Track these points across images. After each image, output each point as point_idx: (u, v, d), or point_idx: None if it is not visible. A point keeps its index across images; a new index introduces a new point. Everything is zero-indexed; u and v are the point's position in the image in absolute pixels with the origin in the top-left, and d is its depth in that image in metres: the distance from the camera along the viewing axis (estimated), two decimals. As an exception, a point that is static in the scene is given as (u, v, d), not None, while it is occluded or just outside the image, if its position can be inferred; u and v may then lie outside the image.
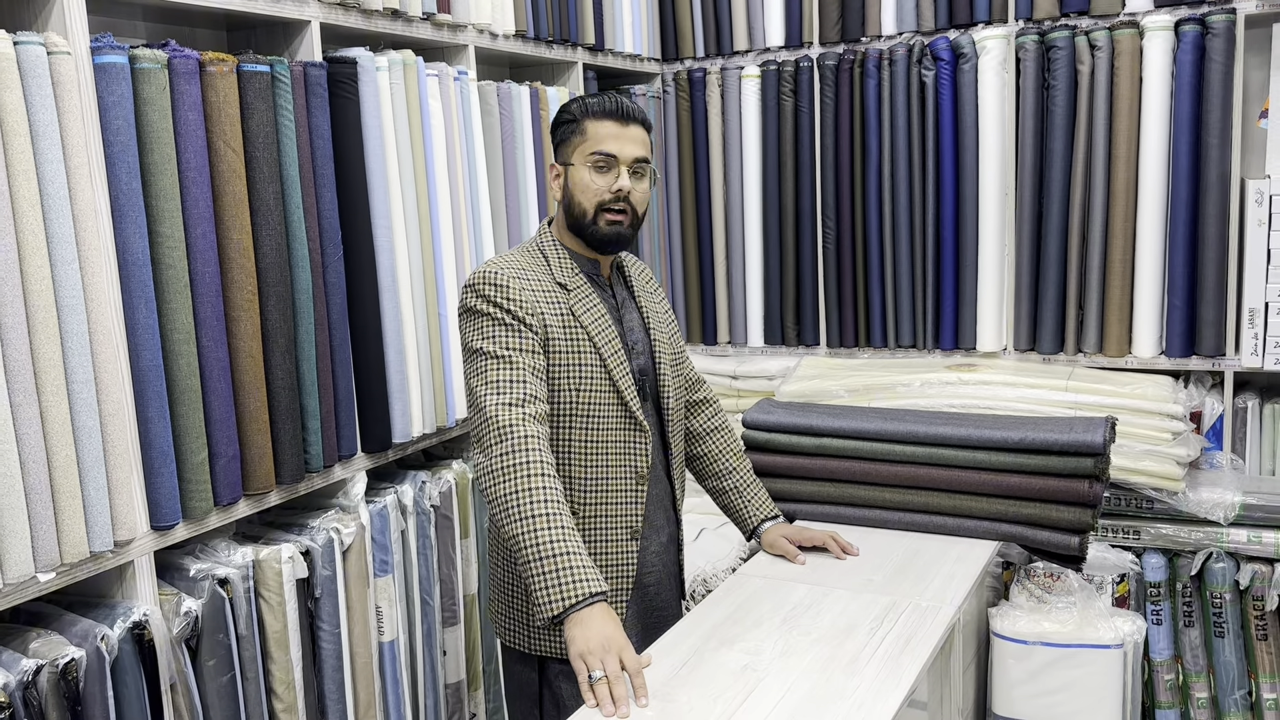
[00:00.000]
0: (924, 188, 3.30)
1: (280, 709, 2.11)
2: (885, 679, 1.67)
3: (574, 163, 1.95)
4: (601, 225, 1.94)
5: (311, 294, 2.16)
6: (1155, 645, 2.90)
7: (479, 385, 1.82)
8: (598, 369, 1.92)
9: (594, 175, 1.93)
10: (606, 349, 1.93)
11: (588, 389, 1.91)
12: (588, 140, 1.94)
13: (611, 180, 1.93)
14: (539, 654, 1.96)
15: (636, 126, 1.96)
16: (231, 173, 1.99)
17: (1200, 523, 2.85)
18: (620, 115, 1.94)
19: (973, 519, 2.31)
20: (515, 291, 1.87)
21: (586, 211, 1.94)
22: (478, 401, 1.81)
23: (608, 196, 1.93)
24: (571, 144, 1.96)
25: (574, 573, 1.65)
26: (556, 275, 1.95)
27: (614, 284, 2.06)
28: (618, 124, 1.94)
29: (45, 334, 1.69)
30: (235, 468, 2.04)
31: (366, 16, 2.37)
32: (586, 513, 1.94)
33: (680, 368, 2.17)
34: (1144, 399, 2.86)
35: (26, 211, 1.66)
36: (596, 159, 1.93)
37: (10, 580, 1.66)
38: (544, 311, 1.89)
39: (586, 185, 1.94)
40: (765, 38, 3.53)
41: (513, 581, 1.99)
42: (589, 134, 1.94)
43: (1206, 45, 2.89)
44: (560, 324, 1.90)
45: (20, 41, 1.65)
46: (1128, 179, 3.02)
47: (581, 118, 1.95)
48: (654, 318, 2.09)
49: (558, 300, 1.92)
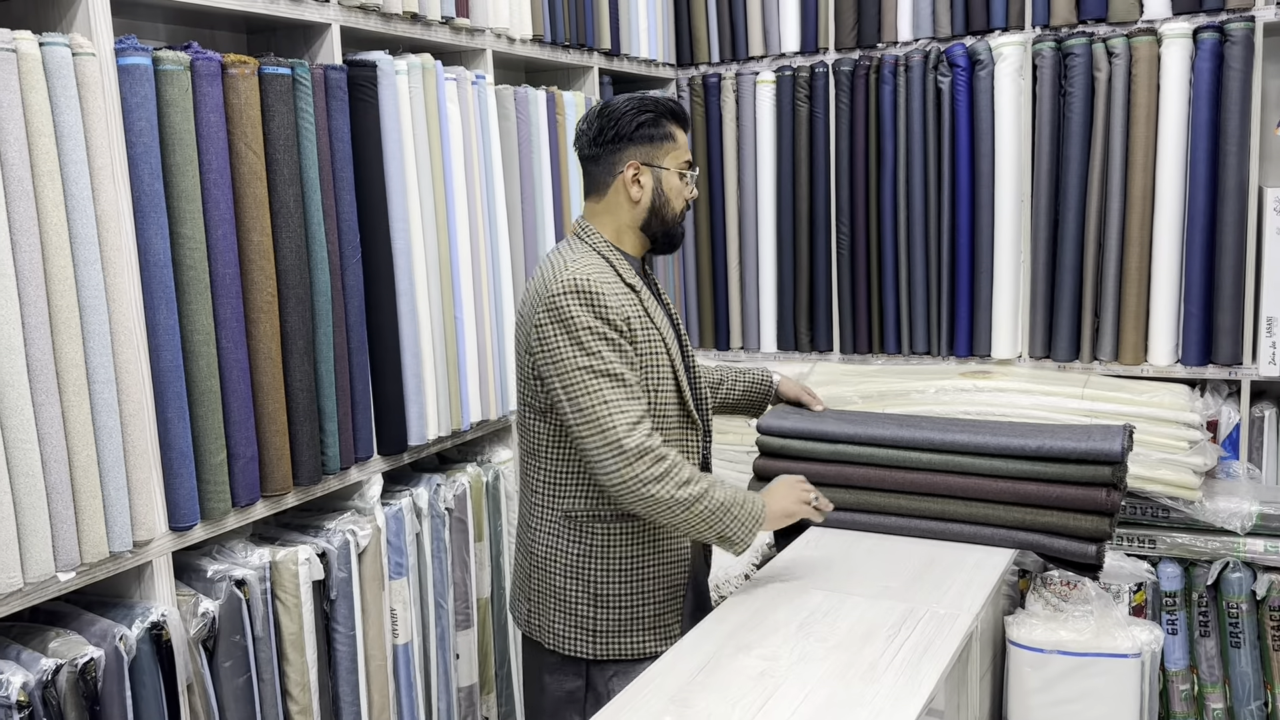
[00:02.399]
0: (939, 194, 3.30)
1: (295, 710, 2.12)
2: (903, 686, 1.66)
3: (668, 167, 1.98)
4: (681, 224, 2.03)
5: (330, 296, 2.17)
6: (1171, 655, 2.89)
7: (599, 406, 1.82)
8: (667, 368, 1.96)
9: (683, 183, 2.00)
10: (673, 349, 1.99)
11: (658, 388, 1.96)
12: (679, 149, 1.99)
13: (691, 187, 2.02)
14: (598, 658, 1.99)
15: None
16: (252, 175, 2.00)
17: (1217, 532, 2.83)
18: (689, 122, 2.05)
19: (990, 526, 2.30)
20: (610, 299, 1.87)
21: (678, 216, 2.01)
22: (601, 423, 1.82)
23: (684, 204, 2.02)
24: (664, 149, 1.98)
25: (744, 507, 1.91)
26: (625, 277, 1.95)
27: (656, 286, 2.10)
28: (687, 130, 2.03)
29: (68, 334, 1.69)
30: (253, 469, 2.04)
31: (386, 20, 2.38)
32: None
33: None
34: (1160, 407, 2.85)
35: (50, 212, 1.66)
36: (685, 167, 2.00)
37: (31, 579, 1.67)
38: (630, 316, 1.90)
39: (679, 191, 1.99)
40: (780, 43, 3.53)
41: (577, 590, 1.99)
42: (679, 141, 1.99)
43: (1225, 53, 2.89)
44: (641, 326, 1.93)
45: (46, 43, 1.66)
46: (1144, 186, 3.01)
47: (670, 123, 1.98)
48: (675, 308, 2.14)
49: (634, 303, 1.94)
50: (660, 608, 2.02)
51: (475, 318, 2.62)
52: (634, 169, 1.97)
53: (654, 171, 1.97)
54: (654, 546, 2.01)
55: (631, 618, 2.00)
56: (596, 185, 2.01)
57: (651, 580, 2.01)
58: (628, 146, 1.97)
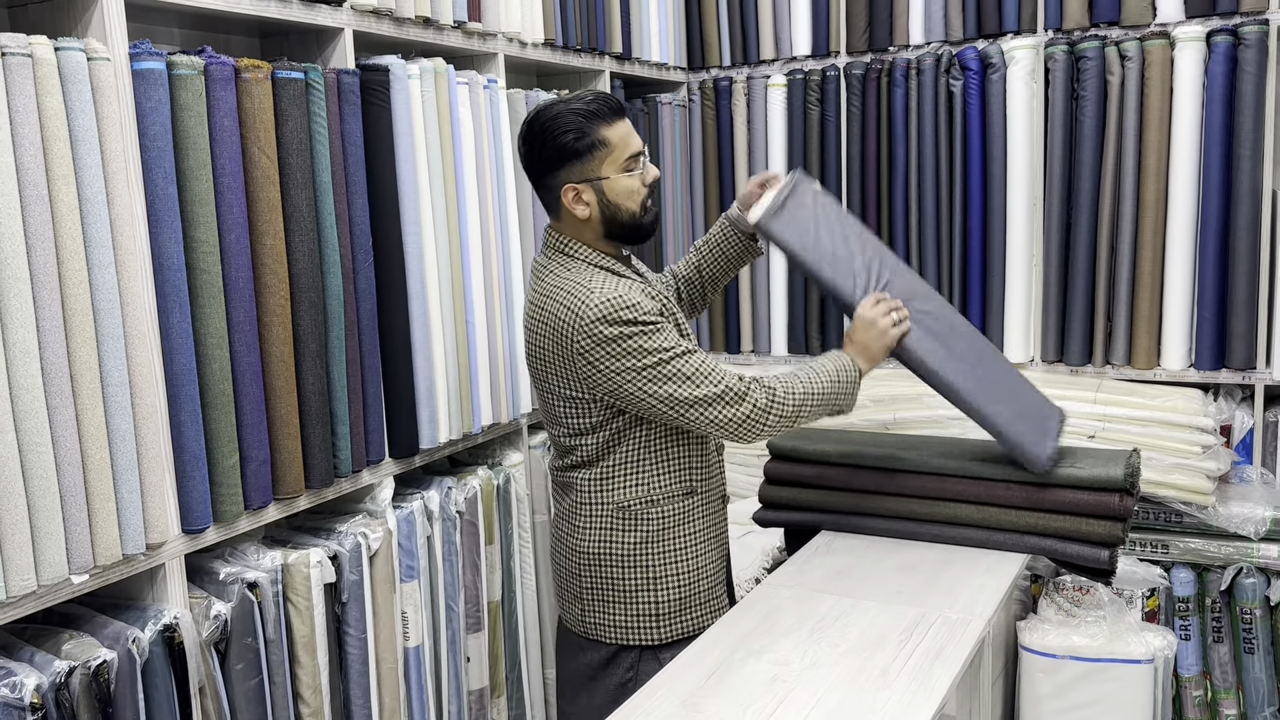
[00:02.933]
0: (951, 198, 3.29)
1: (307, 713, 2.12)
2: (916, 692, 1.66)
3: (608, 175, 1.93)
4: (646, 214, 1.99)
5: (342, 300, 2.17)
6: (1184, 661, 2.88)
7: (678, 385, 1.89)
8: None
9: (632, 178, 1.94)
10: (682, 328, 2.04)
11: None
12: (615, 148, 1.92)
13: (642, 175, 1.96)
14: (648, 643, 2.05)
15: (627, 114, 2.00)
16: (265, 179, 2.00)
17: (1230, 537, 2.82)
18: (622, 111, 1.95)
19: (1002, 531, 2.29)
20: (644, 302, 1.89)
21: (635, 213, 1.97)
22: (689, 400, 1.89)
23: (645, 192, 1.97)
24: (596, 158, 1.92)
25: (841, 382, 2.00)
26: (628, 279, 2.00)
27: (641, 272, 2.12)
28: (623, 120, 1.94)
29: (82, 337, 1.70)
30: (265, 472, 2.05)
31: (398, 24, 2.39)
32: (702, 486, 2.09)
33: None
34: (1173, 412, 2.84)
35: (65, 216, 1.67)
36: (632, 162, 1.94)
37: (44, 581, 1.67)
38: (661, 309, 1.95)
39: (631, 190, 1.95)
40: (792, 47, 3.53)
41: (637, 578, 2.05)
42: (613, 141, 1.91)
43: (1238, 56, 2.88)
44: (667, 312, 2.00)
45: (61, 48, 1.67)
46: (1158, 190, 3.00)
47: (596, 129, 1.90)
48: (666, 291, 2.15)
49: (655, 295, 1.99)
50: (713, 581, 2.11)
51: (487, 321, 2.62)
52: (572, 191, 1.94)
53: (593, 185, 1.93)
54: (705, 523, 2.09)
55: (689, 595, 2.07)
56: (549, 208, 2.02)
57: (705, 557, 2.09)
58: (559, 170, 1.93)
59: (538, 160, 1.95)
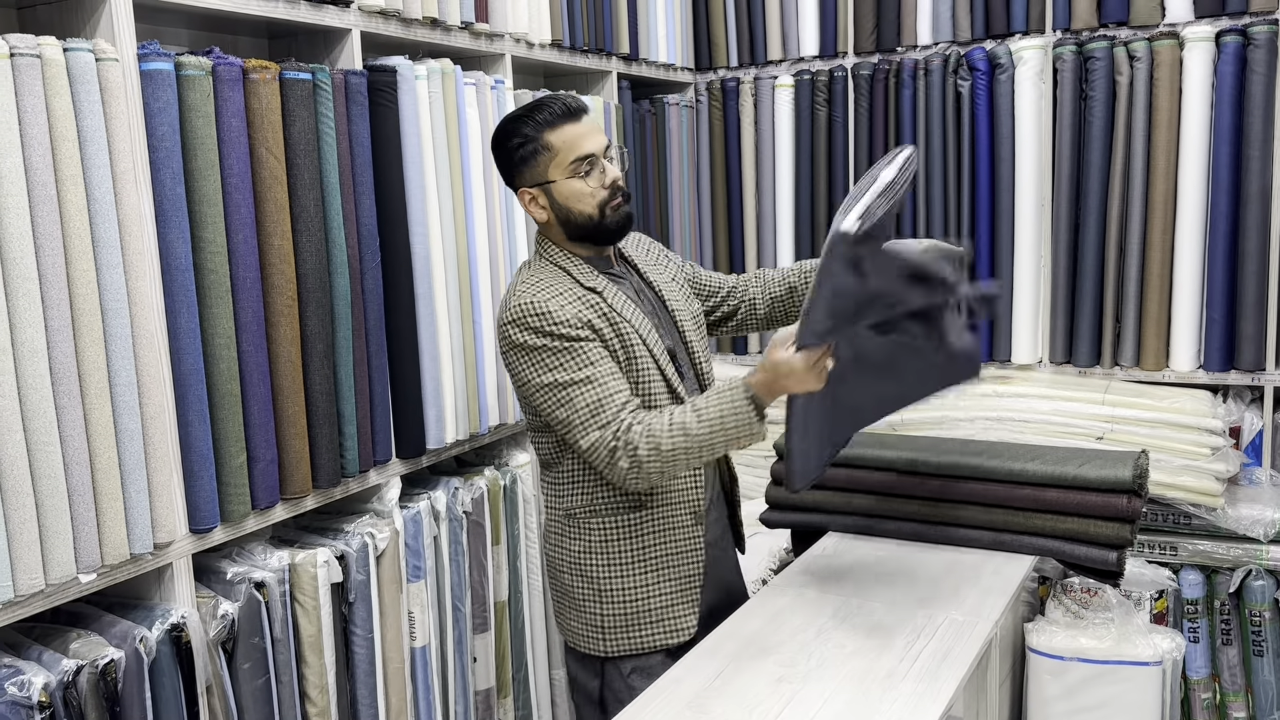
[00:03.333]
0: (959, 199, 3.28)
1: (313, 712, 2.12)
2: (923, 694, 1.66)
3: (554, 179, 1.93)
4: (609, 215, 1.95)
5: (350, 300, 2.18)
6: (1192, 663, 2.87)
7: (571, 416, 1.86)
8: (647, 360, 1.95)
9: (584, 181, 1.93)
10: (650, 338, 1.97)
11: (642, 380, 1.95)
12: (561, 150, 1.92)
13: (601, 177, 1.94)
14: (602, 655, 2.02)
15: (588, 114, 1.96)
16: (273, 179, 2.01)
17: (1239, 539, 2.81)
18: (574, 113, 1.93)
19: (1009, 533, 2.28)
20: (560, 312, 1.88)
21: (592, 216, 1.94)
22: (577, 431, 1.87)
23: (605, 194, 1.94)
24: (542, 161, 1.93)
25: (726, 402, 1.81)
26: (583, 282, 1.96)
27: (627, 274, 2.07)
28: (574, 123, 1.92)
29: (90, 337, 1.71)
30: (273, 472, 2.05)
31: (406, 25, 2.39)
32: (654, 501, 2.00)
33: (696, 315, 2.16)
34: (1182, 413, 2.83)
35: (74, 216, 1.68)
36: (579, 165, 1.92)
37: (52, 581, 1.68)
38: (590, 320, 1.91)
39: (581, 193, 1.93)
40: (799, 47, 3.52)
41: (582, 588, 2.03)
42: (556, 146, 1.92)
43: (1248, 56, 2.87)
44: (608, 325, 1.92)
45: (70, 48, 1.67)
46: (1166, 191, 2.99)
47: (540, 134, 1.92)
48: (666, 289, 2.09)
49: (596, 304, 1.94)
50: (669, 600, 2.02)
51: (493, 321, 2.63)
52: (527, 196, 1.97)
53: (544, 189, 1.95)
54: (657, 539, 2.01)
55: (638, 612, 2.01)
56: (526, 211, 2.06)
57: (656, 574, 2.01)
58: (514, 176, 1.99)
59: (500, 168, 2.02)
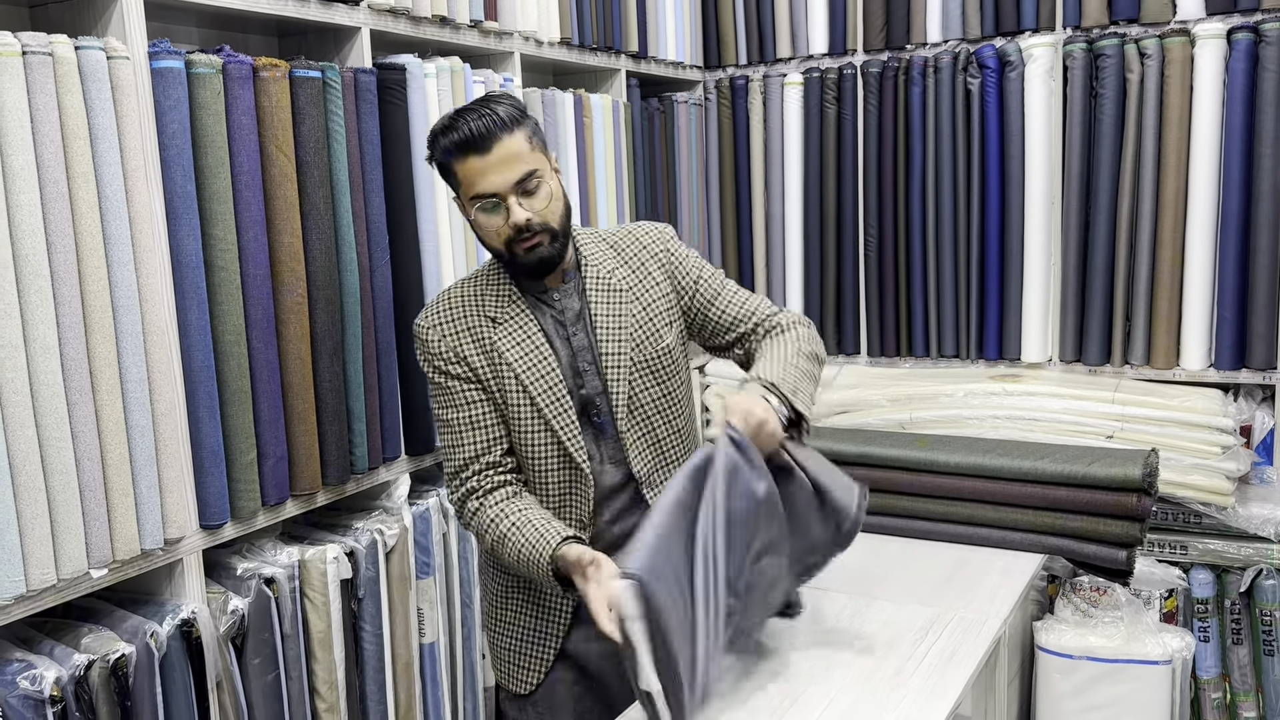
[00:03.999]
0: (969, 196, 3.28)
1: (323, 708, 2.13)
2: (930, 692, 1.66)
3: (465, 205, 1.76)
4: (520, 255, 1.73)
5: (359, 298, 2.18)
6: (1202, 663, 2.86)
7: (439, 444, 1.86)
8: (527, 409, 1.77)
9: (488, 217, 1.72)
10: (536, 385, 1.76)
11: (520, 429, 1.79)
12: (462, 183, 1.73)
13: (503, 218, 1.70)
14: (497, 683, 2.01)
15: (500, 142, 1.67)
16: (283, 177, 2.01)
17: (1250, 538, 2.80)
18: (477, 145, 1.67)
19: (1018, 531, 2.28)
20: (435, 344, 1.80)
21: (501, 252, 1.75)
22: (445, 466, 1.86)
23: (510, 233, 1.71)
24: (453, 186, 1.77)
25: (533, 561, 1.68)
26: (489, 309, 1.79)
27: (568, 298, 1.82)
28: (479, 156, 1.67)
29: (101, 334, 1.72)
30: (283, 468, 2.06)
31: (415, 23, 2.39)
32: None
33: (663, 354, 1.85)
34: (1193, 412, 2.82)
35: (85, 213, 1.69)
36: (480, 203, 1.71)
37: (64, 576, 1.69)
38: (468, 355, 1.79)
39: (485, 228, 1.74)
40: (809, 45, 3.52)
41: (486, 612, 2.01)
42: (460, 177, 1.72)
43: (1260, 54, 2.85)
44: (486, 363, 1.78)
45: (81, 46, 1.68)
46: (1177, 188, 2.98)
47: (448, 160, 1.72)
48: (605, 324, 1.81)
49: (484, 337, 1.78)
50: (527, 646, 1.91)
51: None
52: (459, 203, 1.80)
53: (466, 211, 1.78)
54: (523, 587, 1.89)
55: (501, 647, 1.95)
56: None
57: (523, 617, 1.90)
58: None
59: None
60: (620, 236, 1.91)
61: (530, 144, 1.71)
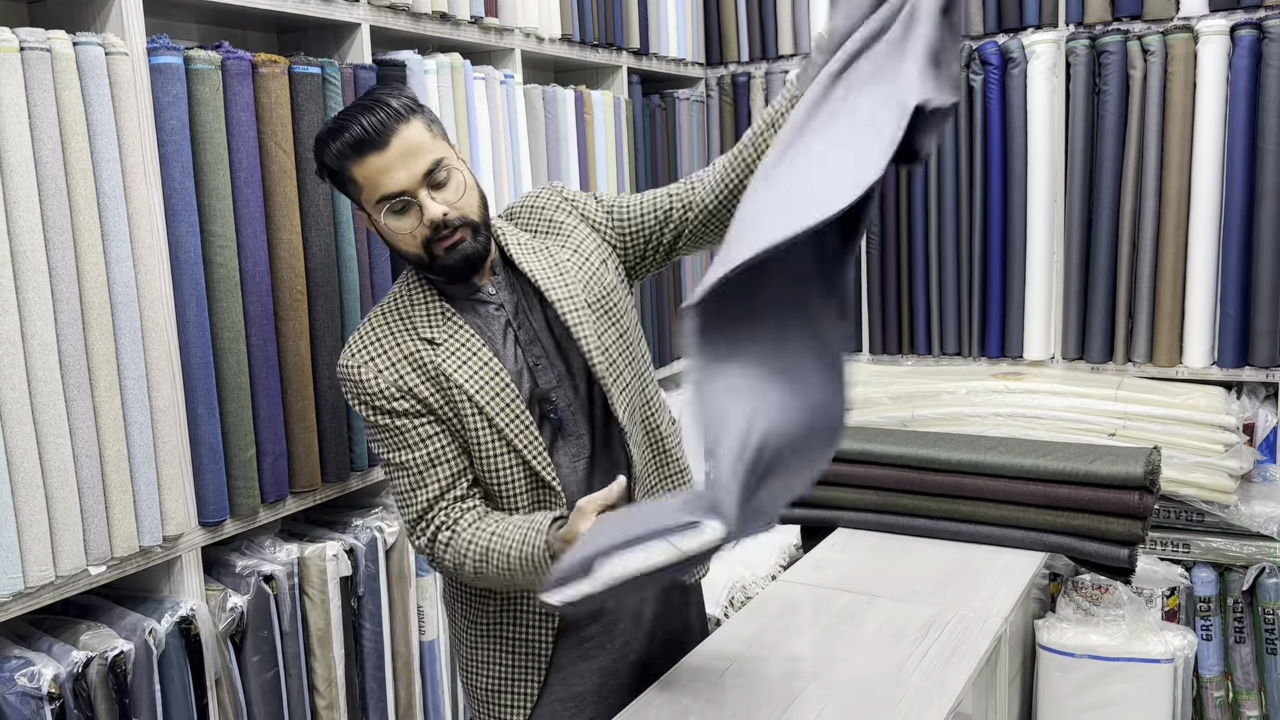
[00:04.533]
0: (971, 193, 3.27)
1: (322, 706, 2.13)
2: (930, 690, 1.65)
3: (371, 213, 1.58)
4: (442, 256, 1.57)
5: (359, 294, 2.18)
6: (1205, 661, 2.85)
7: (393, 492, 1.67)
8: (486, 431, 1.61)
9: (399, 220, 1.55)
10: (493, 405, 1.60)
11: (481, 454, 1.63)
12: (363, 188, 1.55)
13: (415, 218, 1.55)
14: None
15: (398, 135, 1.52)
16: (282, 173, 2.01)
17: (1252, 537, 2.79)
18: (374, 141, 1.51)
19: (1020, 529, 2.27)
20: (371, 383, 1.60)
21: (420, 256, 1.58)
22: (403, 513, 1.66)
23: (427, 233, 1.55)
24: (352, 194, 1.59)
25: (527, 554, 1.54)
26: (422, 330, 1.62)
27: (503, 291, 1.66)
28: (378, 153, 1.52)
29: (99, 330, 1.71)
30: (282, 465, 2.06)
31: (415, 20, 2.39)
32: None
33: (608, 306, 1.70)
34: (1195, 410, 2.81)
35: (83, 210, 1.68)
36: (387, 205, 1.54)
37: (62, 573, 1.69)
38: (413, 386, 1.60)
39: (397, 233, 1.57)
40: (811, 41, 3.51)
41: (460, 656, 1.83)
42: (360, 180, 1.55)
43: (1263, 50, 2.84)
44: (435, 390, 1.60)
45: (79, 42, 1.68)
46: (1180, 186, 2.97)
47: (342, 165, 1.54)
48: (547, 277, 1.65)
49: (424, 362, 1.60)
50: (509, 685, 1.74)
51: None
52: (362, 217, 1.63)
53: (370, 220, 1.61)
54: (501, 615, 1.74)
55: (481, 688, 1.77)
56: None
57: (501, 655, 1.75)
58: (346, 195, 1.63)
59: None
60: (517, 210, 1.77)
61: (431, 132, 1.56)
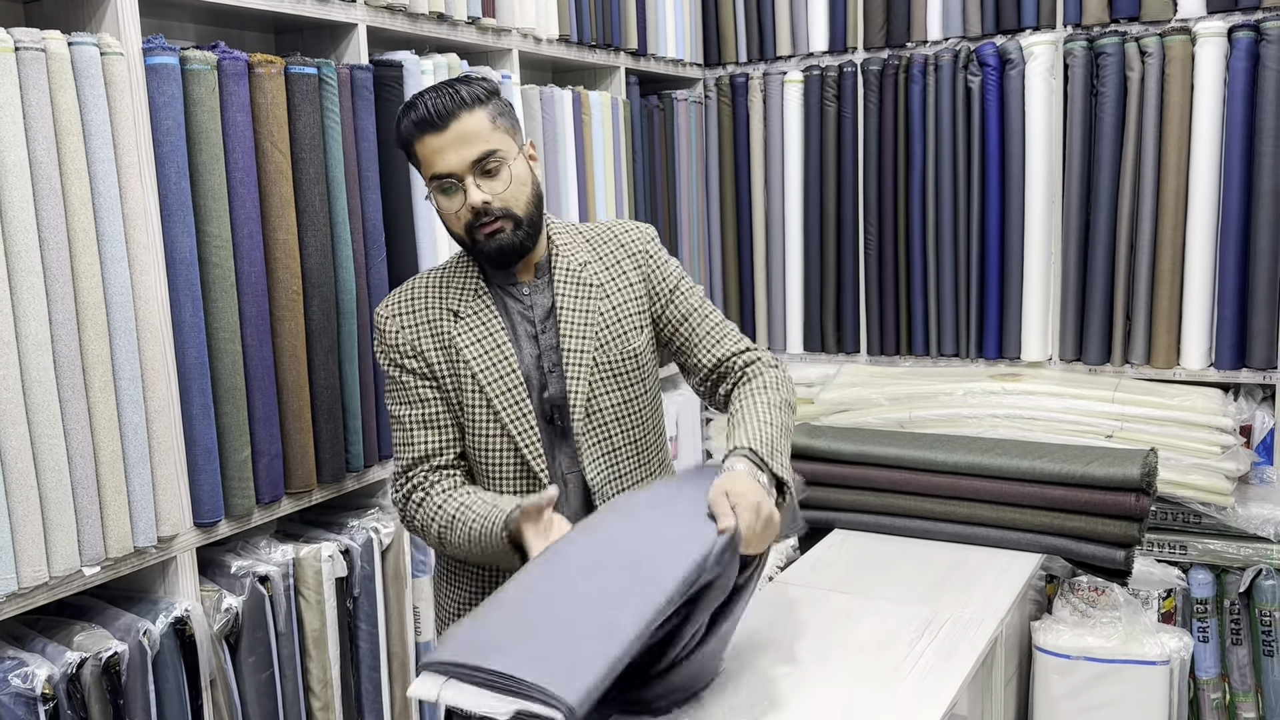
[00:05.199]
0: (969, 195, 3.27)
1: (317, 706, 2.13)
2: (925, 692, 1.65)
3: (429, 187, 1.66)
4: (482, 242, 1.64)
5: (355, 295, 2.18)
6: (1202, 663, 2.85)
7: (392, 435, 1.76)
8: (483, 410, 1.68)
9: (448, 200, 1.64)
10: (494, 387, 1.67)
11: (475, 433, 1.69)
12: (423, 163, 1.64)
13: (460, 200, 1.62)
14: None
15: (458, 120, 1.60)
16: (278, 173, 2.01)
17: (1249, 538, 2.79)
18: (433, 122, 1.60)
19: (1017, 531, 2.27)
20: (393, 335, 1.70)
21: (462, 237, 1.67)
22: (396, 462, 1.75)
23: (469, 217, 1.63)
24: (417, 167, 1.68)
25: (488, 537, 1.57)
26: (453, 301, 1.70)
27: (539, 293, 1.72)
28: (436, 134, 1.60)
29: (94, 330, 1.71)
30: (278, 466, 2.06)
31: (412, 20, 2.39)
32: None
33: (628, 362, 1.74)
34: (1192, 411, 2.81)
35: (78, 210, 1.68)
36: (438, 183, 1.63)
37: (56, 573, 1.68)
38: (425, 349, 1.69)
39: (445, 211, 1.65)
40: (809, 42, 3.51)
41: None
42: (420, 156, 1.64)
43: (1260, 52, 2.84)
44: (444, 360, 1.69)
45: (75, 42, 1.68)
46: (1178, 187, 2.97)
47: (410, 139, 1.64)
48: (570, 319, 1.70)
49: (444, 331, 1.69)
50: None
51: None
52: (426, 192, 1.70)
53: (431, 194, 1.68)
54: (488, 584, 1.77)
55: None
56: None
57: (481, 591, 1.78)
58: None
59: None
60: (598, 232, 1.81)
61: (493, 124, 1.62)
